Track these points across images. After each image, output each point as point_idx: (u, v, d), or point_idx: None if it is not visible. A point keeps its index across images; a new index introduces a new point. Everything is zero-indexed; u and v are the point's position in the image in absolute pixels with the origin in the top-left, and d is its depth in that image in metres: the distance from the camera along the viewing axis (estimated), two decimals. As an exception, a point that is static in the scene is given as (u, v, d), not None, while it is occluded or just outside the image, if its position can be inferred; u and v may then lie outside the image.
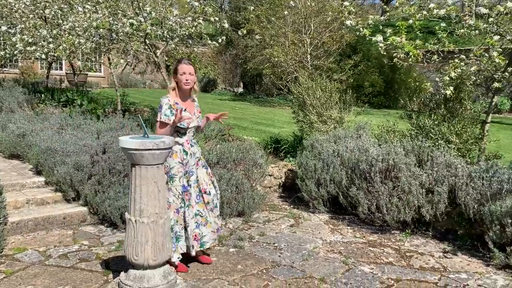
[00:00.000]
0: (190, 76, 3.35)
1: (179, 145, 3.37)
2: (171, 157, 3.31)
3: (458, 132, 4.76)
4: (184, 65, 3.34)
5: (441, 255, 4.04)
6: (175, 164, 3.34)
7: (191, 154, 3.43)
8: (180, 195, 3.35)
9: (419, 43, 4.89)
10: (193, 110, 3.50)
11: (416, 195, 4.34)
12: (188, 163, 3.40)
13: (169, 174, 3.33)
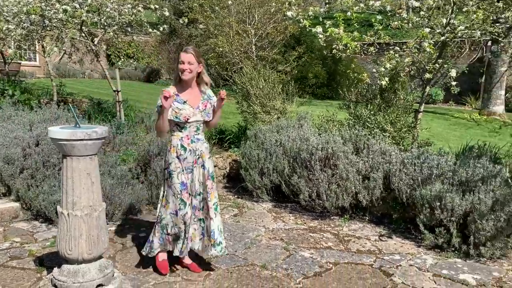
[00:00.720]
0: (188, 65, 3.03)
1: (177, 139, 3.12)
2: (169, 151, 3.13)
3: (392, 121, 4.98)
4: (183, 53, 3.06)
5: (377, 238, 4.24)
6: (173, 159, 3.11)
7: (190, 150, 3.13)
8: (179, 194, 3.09)
9: (357, 35, 5.05)
10: (197, 103, 3.14)
11: (353, 182, 4.51)
12: (186, 160, 3.13)
13: (168, 170, 3.13)
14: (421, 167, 4.31)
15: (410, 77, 5.39)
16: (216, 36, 12.58)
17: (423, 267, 3.61)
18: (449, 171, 4.18)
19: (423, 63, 5.26)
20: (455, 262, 3.72)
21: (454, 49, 9.01)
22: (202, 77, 3.17)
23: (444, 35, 4.98)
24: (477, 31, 4.62)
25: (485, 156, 4.51)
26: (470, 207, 3.83)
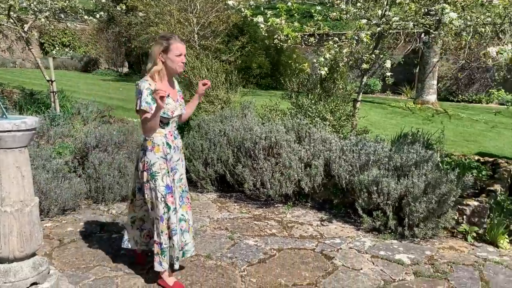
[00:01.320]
0: (184, 58, 2.86)
1: (161, 137, 2.85)
2: (152, 151, 2.82)
3: (332, 110, 5.13)
4: (180, 44, 2.81)
5: (318, 223, 4.36)
6: (157, 159, 2.82)
7: (174, 147, 2.94)
8: (163, 197, 2.82)
9: (298, 26, 5.12)
10: (176, 97, 2.98)
11: (296, 170, 4.60)
12: (172, 158, 2.92)
13: (150, 171, 2.82)
14: (359, 154, 4.48)
15: (349, 67, 5.55)
16: (157, 25, 12.25)
17: (362, 249, 3.77)
18: (385, 157, 4.38)
19: (360, 53, 5.44)
20: (391, 243, 3.91)
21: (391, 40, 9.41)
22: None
23: (380, 26, 5.18)
24: (410, 22, 4.84)
25: (418, 143, 4.77)
26: (405, 190, 4.03)
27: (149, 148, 2.83)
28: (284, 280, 3.18)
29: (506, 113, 11.83)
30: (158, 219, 2.86)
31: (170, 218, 2.86)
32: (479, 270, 3.46)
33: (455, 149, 7.85)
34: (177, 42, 2.82)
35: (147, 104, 2.72)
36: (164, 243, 2.87)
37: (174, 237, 2.88)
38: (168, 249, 2.90)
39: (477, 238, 4.06)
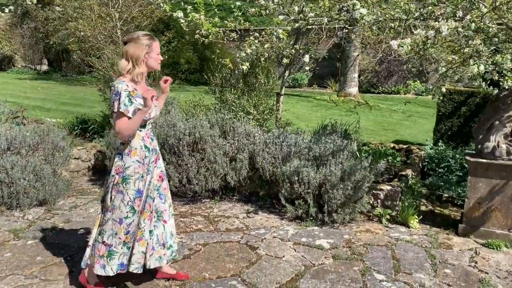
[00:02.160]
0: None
1: (139, 139, 2.76)
2: (129, 155, 2.72)
3: (255, 104, 5.22)
4: (157, 43, 2.76)
5: (245, 216, 4.44)
6: (132, 163, 2.73)
7: (152, 149, 2.85)
8: (130, 201, 2.73)
9: (218, 21, 5.14)
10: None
11: (221, 164, 4.64)
12: (149, 161, 2.82)
13: (123, 175, 2.72)
14: (281, 146, 4.62)
15: (277, 62, 5.68)
16: (76, 20, 11.68)
17: (285, 237, 3.91)
18: (305, 148, 4.55)
19: (281, 48, 5.58)
20: (313, 230, 4.09)
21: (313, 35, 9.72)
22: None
23: (298, 22, 5.34)
24: (324, 18, 5.04)
25: (336, 133, 5.01)
26: (323, 179, 4.23)
27: (126, 152, 2.74)
28: (209, 273, 3.22)
29: (421, 102, 12.71)
30: (117, 221, 2.74)
31: (132, 224, 2.76)
32: (392, 249, 3.73)
33: (374, 138, 8.33)
34: (156, 40, 2.77)
35: (125, 106, 2.62)
36: (114, 246, 2.74)
37: (140, 241, 2.79)
38: (121, 254, 2.76)
39: (390, 220, 4.37)
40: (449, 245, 3.87)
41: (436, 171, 5.68)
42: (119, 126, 2.65)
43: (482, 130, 4.02)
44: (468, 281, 3.23)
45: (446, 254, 3.67)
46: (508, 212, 3.94)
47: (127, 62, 2.68)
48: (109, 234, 2.75)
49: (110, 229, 2.75)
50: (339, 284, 3.10)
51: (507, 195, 3.92)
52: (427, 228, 4.24)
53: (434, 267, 3.43)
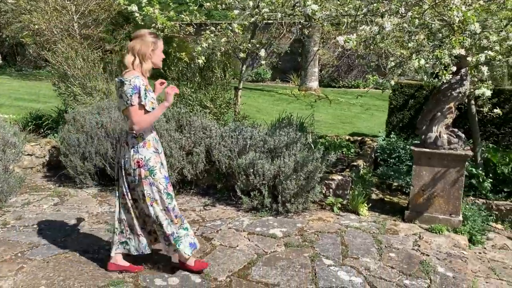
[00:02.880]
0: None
1: (150, 132, 2.92)
2: (145, 147, 2.87)
3: (212, 98, 5.28)
4: (161, 41, 2.94)
5: (202, 208, 4.50)
6: (151, 154, 2.88)
7: (158, 140, 3.05)
8: (165, 188, 2.92)
9: (173, 15, 5.14)
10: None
11: (177, 158, 4.68)
12: (162, 151, 3.05)
13: (147, 167, 2.85)
14: (237, 139, 4.70)
15: (227, 55, 5.73)
16: (30, 12, 11.29)
17: (240, 228, 4.00)
18: (261, 141, 4.65)
19: (238, 43, 5.65)
20: (267, 220, 4.21)
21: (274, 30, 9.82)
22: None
23: (253, 16, 5.42)
24: (278, 13, 5.14)
25: (291, 126, 5.14)
26: (277, 170, 4.35)
27: (141, 144, 2.86)
28: (162, 264, 3.26)
29: (379, 96, 13.10)
30: (165, 210, 2.94)
31: (175, 207, 2.99)
32: (341, 236, 3.90)
33: (331, 131, 8.56)
34: (160, 39, 2.93)
35: (145, 100, 2.78)
36: (176, 231, 2.96)
37: (185, 222, 3.04)
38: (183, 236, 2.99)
39: (342, 208, 4.54)
40: (395, 230, 4.08)
41: (388, 161, 5.92)
42: (137, 119, 2.77)
43: (425, 121, 4.24)
44: (410, 263, 3.43)
45: (392, 239, 3.87)
46: (449, 198, 4.19)
47: (134, 57, 2.83)
48: (167, 224, 2.95)
49: (165, 219, 2.94)
50: (289, 270, 3.22)
51: (448, 182, 4.17)
52: (376, 215, 4.45)
53: (380, 251, 3.62)
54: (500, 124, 6.11)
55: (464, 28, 3.69)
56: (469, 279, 3.26)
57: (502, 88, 6.23)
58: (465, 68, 4.07)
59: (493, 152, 5.24)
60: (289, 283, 3.04)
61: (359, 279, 3.14)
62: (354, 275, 3.19)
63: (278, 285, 3.02)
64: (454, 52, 3.63)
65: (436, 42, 4.35)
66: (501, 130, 6.13)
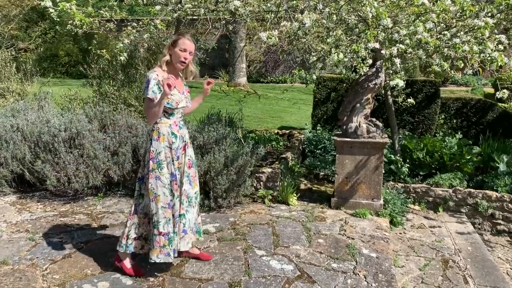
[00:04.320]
0: (189, 55, 2.92)
1: (167, 126, 2.92)
2: (158, 140, 2.90)
3: (137, 95, 5.13)
4: (187, 40, 2.89)
5: (131, 209, 4.38)
6: (163, 148, 2.91)
7: (180, 137, 2.99)
8: (169, 185, 2.94)
9: (91, 11, 4.92)
10: (182, 89, 3.03)
11: (102, 159, 4.50)
12: (178, 147, 2.98)
13: (156, 160, 2.90)
14: (165, 136, 4.62)
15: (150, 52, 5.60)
16: None
17: (171, 226, 3.95)
18: (190, 137, 4.60)
19: (161, 38, 5.54)
20: (200, 216, 4.18)
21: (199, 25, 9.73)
22: (190, 67, 3.08)
23: (177, 12, 5.35)
24: (201, 9, 5.12)
25: (220, 122, 5.15)
26: (208, 166, 4.35)
27: (155, 137, 2.91)
28: (91, 270, 3.15)
29: (305, 90, 13.48)
30: (165, 207, 2.92)
31: (175, 205, 2.96)
32: (272, 226, 3.99)
33: (261, 125, 8.71)
34: (186, 38, 2.91)
35: (153, 93, 2.80)
36: (172, 232, 2.94)
37: (178, 225, 3.00)
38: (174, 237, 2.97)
39: (272, 200, 4.65)
40: (323, 217, 4.26)
41: (315, 152, 6.15)
42: (145, 111, 2.90)
43: (346, 113, 4.46)
44: (337, 247, 3.60)
45: (320, 226, 4.04)
46: (371, 183, 4.45)
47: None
48: (164, 222, 2.91)
49: (164, 217, 2.92)
50: (222, 264, 3.25)
51: (369, 168, 4.42)
52: (305, 204, 4.61)
53: (309, 238, 3.76)
54: (415, 113, 6.59)
55: (378, 23, 3.93)
56: (391, 258, 3.48)
57: (414, 79, 6.72)
58: (380, 61, 4.33)
59: (409, 139, 5.64)
60: (223, 277, 3.06)
61: (290, 266, 3.24)
62: (285, 263, 3.29)
63: (212, 279, 3.03)
64: (369, 45, 3.85)
65: (353, 36, 4.59)
66: (416, 118, 6.62)
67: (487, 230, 4.86)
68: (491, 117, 6.60)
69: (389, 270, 3.26)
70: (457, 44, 3.74)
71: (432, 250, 3.99)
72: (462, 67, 4.03)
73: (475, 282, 3.45)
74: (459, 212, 4.90)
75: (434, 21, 3.88)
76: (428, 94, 6.49)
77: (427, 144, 5.39)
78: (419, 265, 3.69)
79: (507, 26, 5.30)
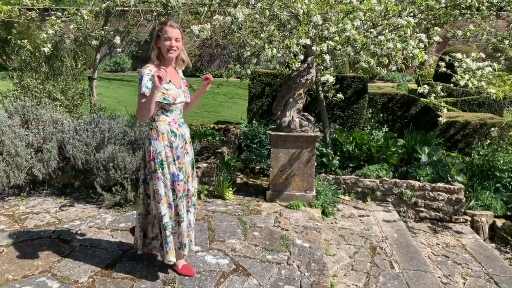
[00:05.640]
0: (176, 42, 2.72)
1: (165, 124, 2.77)
2: (157, 139, 2.76)
3: (63, 89, 4.86)
4: (169, 27, 2.70)
5: (57, 209, 4.15)
6: (163, 148, 2.77)
7: (179, 135, 2.83)
8: (171, 185, 2.80)
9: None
10: (179, 83, 2.85)
11: (24, 157, 4.22)
12: (178, 146, 2.82)
13: (157, 160, 2.77)
14: (93, 132, 4.43)
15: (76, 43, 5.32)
16: None
17: (102, 226, 3.80)
18: (120, 132, 4.46)
19: (88, 29, 5.28)
20: (132, 215, 4.06)
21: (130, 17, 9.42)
22: (181, 55, 2.85)
23: (105, 2, 5.12)
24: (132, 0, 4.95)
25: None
26: (140, 162, 4.21)
27: (154, 136, 2.78)
28: (12, 274, 2.94)
29: (241, 85, 13.54)
30: (169, 207, 2.83)
31: (178, 206, 2.83)
32: (208, 221, 3.97)
33: (197, 120, 8.62)
34: (167, 26, 2.72)
35: (147, 89, 2.64)
36: (172, 229, 2.86)
37: (182, 223, 2.86)
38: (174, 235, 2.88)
39: (208, 195, 4.63)
40: (258, 210, 4.31)
41: (250, 146, 6.21)
42: (138, 108, 2.69)
43: (280, 107, 4.54)
44: (272, 239, 3.67)
45: (256, 219, 4.09)
46: (304, 176, 4.57)
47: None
48: (167, 220, 2.82)
49: (169, 217, 2.83)
50: (156, 261, 3.18)
51: (302, 161, 4.54)
52: (241, 198, 4.63)
53: (244, 231, 3.78)
54: (344, 108, 6.86)
55: (308, 20, 4.03)
56: (322, 247, 3.61)
57: (344, 75, 6.98)
58: (311, 57, 4.45)
59: (339, 132, 5.86)
60: (156, 275, 3.00)
61: (226, 261, 3.25)
62: (221, 258, 3.29)
63: (145, 278, 2.96)
64: (301, 41, 3.94)
65: (286, 32, 4.67)
66: (345, 113, 6.89)
67: (411, 218, 5.19)
68: (414, 111, 7.04)
69: (321, 259, 3.37)
70: (382, 41, 3.94)
71: (361, 238, 4.18)
72: (387, 63, 4.26)
73: (400, 266, 3.67)
74: (386, 201, 5.19)
75: (361, 19, 4.05)
76: (356, 90, 6.77)
77: (356, 137, 5.63)
78: (349, 253, 3.86)
79: (428, 26, 5.67)
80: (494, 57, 5.62)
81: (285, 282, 3.00)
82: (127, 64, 17.35)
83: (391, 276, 3.47)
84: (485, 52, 4.88)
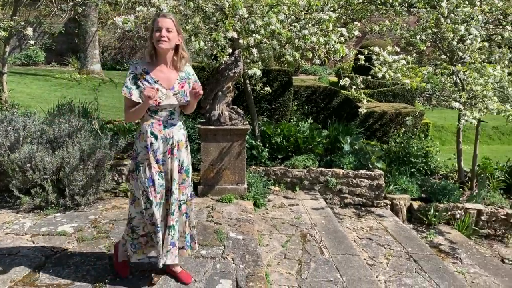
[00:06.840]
0: (167, 33, 2.47)
1: (147, 125, 2.58)
2: (139, 139, 2.63)
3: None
4: (160, 18, 2.49)
5: (-33, 217, 3.78)
6: (142, 148, 2.60)
7: (162, 138, 2.60)
8: (145, 190, 2.58)
9: None
10: (171, 83, 2.59)
11: None
12: (158, 150, 2.59)
13: (136, 160, 2.63)
14: (6, 131, 4.08)
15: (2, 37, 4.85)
16: None
17: (21, 231, 3.53)
18: (37, 131, 4.16)
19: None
20: (54, 217, 3.82)
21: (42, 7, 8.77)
22: (180, 51, 2.58)
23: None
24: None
25: (73, 113, 4.74)
26: (61, 162, 3.97)
27: (137, 135, 2.66)
28: None
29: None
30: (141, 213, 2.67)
31: (154, 214, 2.61)
32: (138, 220, 3.84)
33: (120, 116, 8.27)
34: (159, 17, 2.51)
35: (127, 89, 2.52)
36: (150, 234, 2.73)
37: (158, 234, 2.64)
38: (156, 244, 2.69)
39: (137, 193, 4.47)
40: (190, 206, 4.25)
41: (178, 141, 6.08)
42: (125, 111, 2.56)
43: (209, 101, 4.51)
44: (206, 234, 3.65)
45: (188, 214, 4.03)
46: (235, 169, 4.59)
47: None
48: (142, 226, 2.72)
49: (142, 222, 2.71)
50: (83, 265, 3.02)
51: (233, 155, 4.55)
52: (171, 194, 4.53)
53: (177, 228, 3.71)
54: (272, 100, 6.98)
55: (234, 13, 4.03)
56: (256, 239, 3.66)
57: (270, 68, 7.09)
58: (238, 50, 4.46)
59: (267, 125, 5.96)
60: (85, 278, 2.84)
61: (159, 259, 3.17)
62: (153, 256, 3.21)
63: (72, 283, 2.80)
64: (228, 35, 3.93)
65: (212, 25, 4.63)
66: (273, 106, 7.01)
67: (336, 204, 5.44)
68: (336, 103, 7.35)
69: (255, 250, 3.42)
70: (306, 35, 4.05)
71: (292, 226, 4.31)
72: (311, 57, 4.40)
73: (329, 251, 3.84)
74: (313, 190, 5.38)
75: (286, 13, 4.13)
76: (282, 83, 6.92)
77: (284, 129, 5.77)
78: (281, 242, 3.95)
79: (347, 21, 5.94)
80: (407, 51, 6.04)
81: (220, 276, 3.00)
82: (40, 57, 16.15)
83: (321, 261, 3.62)
84: (399, 46, 5.23)
